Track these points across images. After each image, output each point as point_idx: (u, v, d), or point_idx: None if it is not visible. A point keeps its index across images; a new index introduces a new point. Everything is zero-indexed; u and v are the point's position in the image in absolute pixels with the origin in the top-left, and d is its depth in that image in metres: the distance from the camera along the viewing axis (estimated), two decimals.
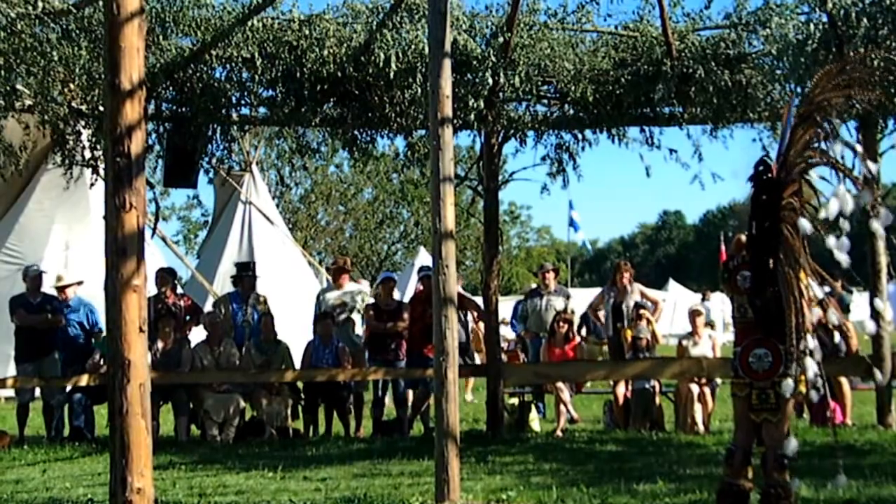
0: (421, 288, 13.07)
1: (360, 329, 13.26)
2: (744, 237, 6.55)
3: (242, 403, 12.07)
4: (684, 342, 12.49)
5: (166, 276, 13.02)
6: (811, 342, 5.84)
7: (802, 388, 6.12)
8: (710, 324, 23.20)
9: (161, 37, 10.10)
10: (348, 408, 12.42)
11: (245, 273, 13.28)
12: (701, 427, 11.71)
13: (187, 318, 12.80)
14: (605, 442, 11.05)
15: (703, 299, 26.80)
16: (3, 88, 9.85)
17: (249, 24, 10.12)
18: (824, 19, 9.80)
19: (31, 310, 12.31)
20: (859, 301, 14.00)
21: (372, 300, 13.29)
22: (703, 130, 11.53)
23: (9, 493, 8.52)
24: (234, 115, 11.46)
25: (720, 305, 25.96)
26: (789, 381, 5.86)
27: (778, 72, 10.36)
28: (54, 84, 10.13)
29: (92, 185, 11.75)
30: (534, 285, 16.53)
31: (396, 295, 14.15)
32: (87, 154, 11.15)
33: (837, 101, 5.91)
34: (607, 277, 16.06)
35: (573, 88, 10.68)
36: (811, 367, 5.78)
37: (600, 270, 75.69)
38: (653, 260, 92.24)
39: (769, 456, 6.25)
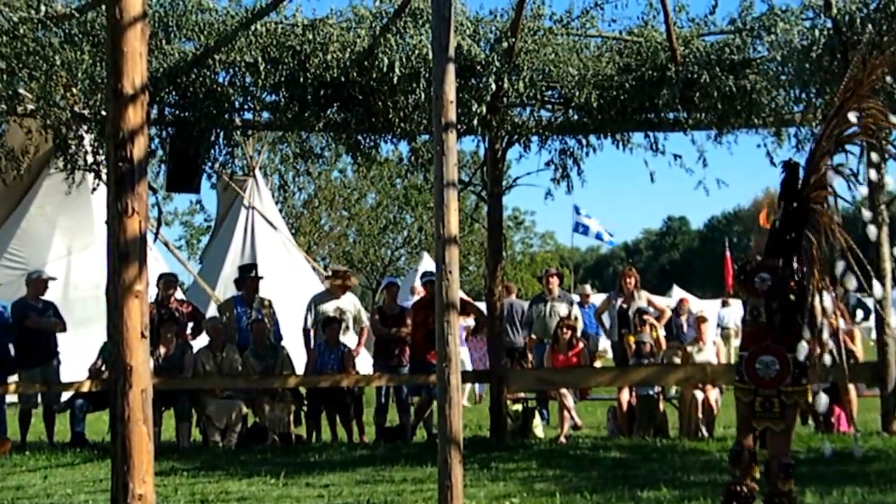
0: (424, 293, 13.05)
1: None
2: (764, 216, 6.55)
3: (245, 409, 12.04)
4: (689, 348, 12.44)
5: (169, 282, 12.99)
6: (827, 300, 5.84)
7: (810, 397, 6.09)
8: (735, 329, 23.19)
9: (164, 41, 10.08)
10: (351, 413, 12.39)
11: (248, 275, 13.25)
12: (705, 433, 11.66)
13: (189, 324, 12.76)
14: (609, 448, 11.00)
15: (723, 305, 26.68)
16: (5, 93, 9.84)
17: (253, 28, 10.10)
18: (829, 25, 9.78)
19: (38, 314, 12.31)
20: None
21: (364, 318, 13.33)
22: (707, 136, 11.49)
23: (10, 499, 8.51)
24: (237, 120, 11.45)
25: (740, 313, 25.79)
26: (804, 344, 5.82)
27: (783, 77, 10.34)
28: (56, 88, 10.11)
29: (94, 189, 11.74)
30: (590, 290, 16.79)
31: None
32: (90, 159, 11.13)
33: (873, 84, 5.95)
34: (610, 283, 16.06)
35: (577, 93, 10.65)
36: (825, 328, 5.76)
37: (603, 276, 75.69)
38: (657, 266, 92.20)
39: (773, 465, 6.21)
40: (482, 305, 12.98)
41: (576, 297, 15.83)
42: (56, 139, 10.93)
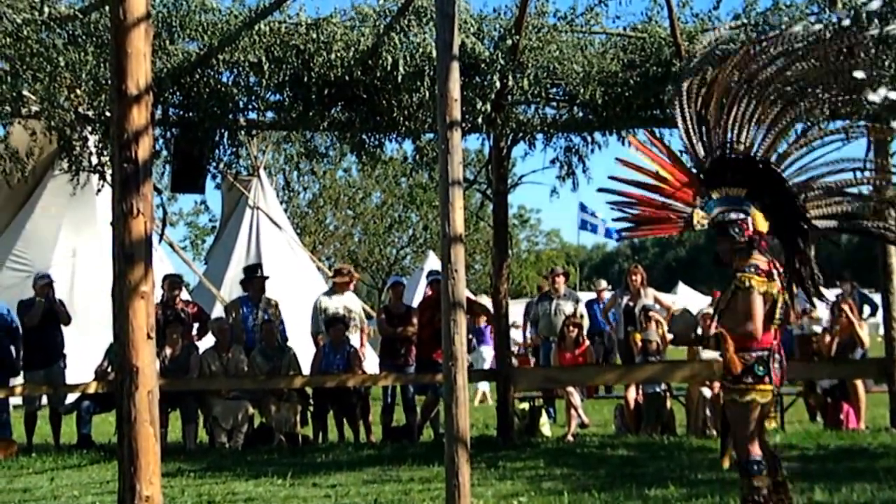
0: (430, 293, 13.04)
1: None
2: None
3: (251, 410, 12.02)
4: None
5: (174, 283, 12.98)
6: None
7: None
8: None
9: (168, 41, 10.06)
10: (357, 413, 12.37)
11: (253, 275, 13.23)
12: (713, 431, 11.63)
13: (195, 325, 12.75)
14: (616, 446, 10.99)
15: None
16: (9, 94, 9.82)
17: (256, 28, 10.08)
18: (834, 20, 9.73)
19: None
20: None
21: (366, 319, 13.31)
22: None
23: (17, 501, 8.50)
24: (242, 120, 11.43)
25: None
26: None
27: None
28: (61, 90, 10.11)
29: (99, 190, 11.72)
30: (605, 285, 16.59)
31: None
32: (94, 160, 11.12)
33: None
34: (616, 281, 16.01)
35: (582, 91, 10.62)
36: None
37: (609, 274, 75.64)
38: (663, 263, 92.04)
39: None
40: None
41: (585, 296, 15.82)
42: (60, 140, 10.92)
